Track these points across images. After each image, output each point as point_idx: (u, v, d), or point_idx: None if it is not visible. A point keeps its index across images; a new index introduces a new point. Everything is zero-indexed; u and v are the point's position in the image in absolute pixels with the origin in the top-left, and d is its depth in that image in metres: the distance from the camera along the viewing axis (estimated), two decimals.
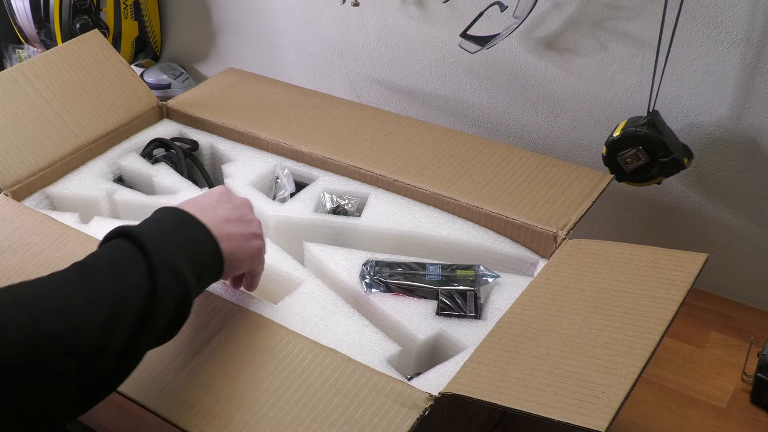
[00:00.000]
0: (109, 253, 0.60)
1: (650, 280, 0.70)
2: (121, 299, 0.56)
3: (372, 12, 1.20)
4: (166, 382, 0.66)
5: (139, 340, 0.57)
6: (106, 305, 0.55)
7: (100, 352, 0.54)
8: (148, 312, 0.57)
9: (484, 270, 0.82)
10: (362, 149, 0.98)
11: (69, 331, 0.53)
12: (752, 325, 0.98)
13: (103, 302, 0.55)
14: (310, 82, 1.35)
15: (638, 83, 1.01)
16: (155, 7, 1.47)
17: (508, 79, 1.12)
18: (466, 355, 0.69)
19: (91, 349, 0.54)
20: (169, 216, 0.66)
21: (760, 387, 0.85)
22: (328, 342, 0.69)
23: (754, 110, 0.94)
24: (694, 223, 1.04)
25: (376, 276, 0.81)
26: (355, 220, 0.91)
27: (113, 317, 0.55)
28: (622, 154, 0.92)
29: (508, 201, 0.88)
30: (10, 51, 1.57)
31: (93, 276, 0.57)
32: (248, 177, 0.99)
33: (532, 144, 1.14)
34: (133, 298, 0.57)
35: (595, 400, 0.58)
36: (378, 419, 0.61)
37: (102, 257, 0.60)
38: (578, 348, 0.64)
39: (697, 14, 0.92)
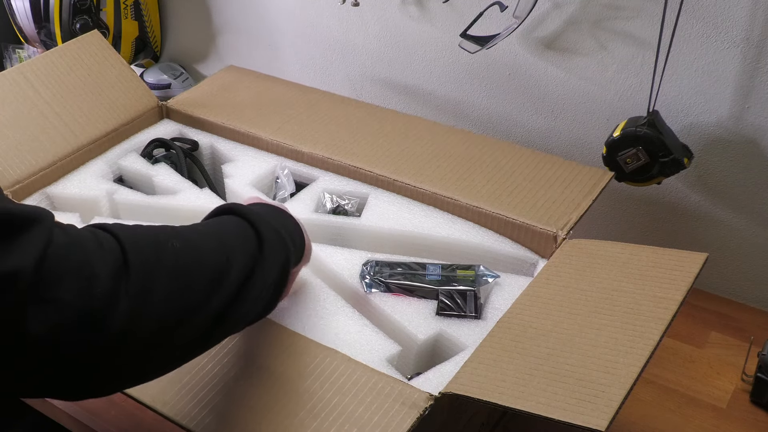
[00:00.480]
0: (221, 220, 0.65)
1: (650, 280, 0.70)
2: (233, 251, 0.60)
3: (372, 12, 1.20)
4: (168, 381, 0.65)
5: (248, 292, 0.60)
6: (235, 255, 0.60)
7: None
8: (256, 265, 0.61)
9: (484, 270, 0.82)
10: (362, 149, 0.98)
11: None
12: (752, 325, 0.98)
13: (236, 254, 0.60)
14: (310, 81, 1.35)
15: (638, 83, 1.01)
16: (155, 7, 1.47)
17: (508, 79, 1.12)
18: (466, 355, 0.69)
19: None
20: (260, 205, 0.72)
21: (760, 387, 0.85)
22: (328, 342, 0.69)
23: (754, 110, 0.94)
24: (694, 223, 1.04)
25: (376, 276, 0.81)
26: (355, 220, 0.91)
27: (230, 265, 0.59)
28: (622, 154, 0.92)
29: (508, 201, 0.88)
30: (10, 51, 1.57)
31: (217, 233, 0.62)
32: (248, 177, 0.99)
33: (532, 144, 1.14)
34: (245, 254, 0.61)
35: (595, 400, 0.58)
36: (378, 418, 0.61)
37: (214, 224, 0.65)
38: (578, 347, 0.64)
39: (697, 14, 0.92)
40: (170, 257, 0.54)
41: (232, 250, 0.59)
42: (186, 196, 0.96)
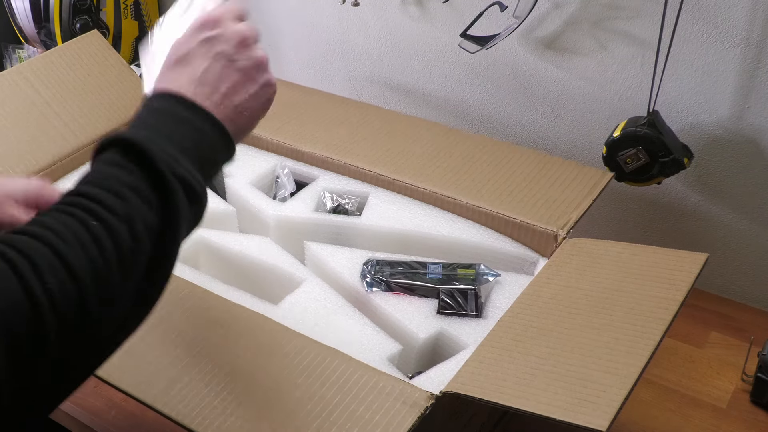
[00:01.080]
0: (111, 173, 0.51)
1: (651, 280, 0.70)
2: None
3: (372, 12, 1.20)
4: (169, 380, 0.65)
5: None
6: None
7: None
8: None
9: (485, 269, 0.82)
10: (362, 148, 0.98)
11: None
12: (752, 325, 0.98)
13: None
14: (310, 82, 1.35)
15: (638, 83, 1.01)
16: (155, 7, 1.47)
17: (508, 79, 1.12)
18: (467, 354, 0.69)
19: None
20: (165, 114, 0.55)
21: (760, 387, 0.85)
22: (329, 341, 0.69)
23: (754, 110, 0.94)
24: (694, 223, 1.05)
25: (377, 275, 0.81)
26: (356, 219, 0.91)
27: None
28: (622, 154, 0.92)
29: (509, 200, 0.88)
30: (10, 51, 1.57)
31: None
32: (248, 176, 0.99)
33: (532, 144, 1.14)
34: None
35: (596, 400, 0.58)
36: (379, 418, 0.61)
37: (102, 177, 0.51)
38: (579, 347, 0.64)
39: (697, 14, 0.92)
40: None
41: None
42: None
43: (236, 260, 0.87)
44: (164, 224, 0.51)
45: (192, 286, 0.75)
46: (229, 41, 0.59)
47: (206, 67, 0.58)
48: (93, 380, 0.83)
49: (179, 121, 0.55)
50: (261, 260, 0.86)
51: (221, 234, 0.90)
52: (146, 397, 0.65)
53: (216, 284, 0.79)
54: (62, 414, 0.89)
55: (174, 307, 0.73)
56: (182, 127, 0.55)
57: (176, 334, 0.70)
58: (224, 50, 0.59)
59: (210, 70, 0.58)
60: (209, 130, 0.56)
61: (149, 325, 0.71)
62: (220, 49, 0.59)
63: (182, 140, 0.54)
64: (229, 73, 0.58)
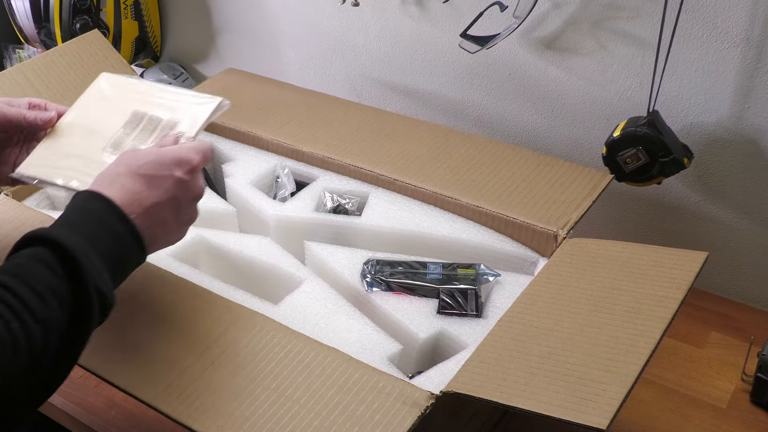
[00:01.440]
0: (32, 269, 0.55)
1: (651, 279, 0.70)
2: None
3: (372, 12, 1.20)
4: (169, 380, 0.65)
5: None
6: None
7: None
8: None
9: (485, 269, 0.82)
10: (362, 149, 0.98)
11: None
12: (752, 325, 0.98)
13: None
14: (310, 82, 1.35)
15: (638, 83, 1.01)
16: (155, 7, 1.47)
17: (508, 79, 1.12)
18: (467, 354, 0.69)
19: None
20: (103, 225, 0.60)
21: (760, 387, 0.85)
22: (330, 341, 0.69)
23: (754, 110, 0.94)
24: (694, 223, 1.05)
25: (377, 275, 0.81)
26: (356, 219, 0.91)
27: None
28: (622, 154, 0.92)
29: (509, 200, 0.88)
30: (10, 51, 1.57)
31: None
32: (249, 176, 0.99)
33: (532, 144, 1.14)
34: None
35: (596, 398, 0.58)
36: (379, 417, 0.61)
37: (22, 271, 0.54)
38: (579, 346, 0.64)
39: (697, 14, 0.92)
40: None
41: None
42: None
43: (236, 260, 0.87)
44: (74, 334, 0.55)
45: (192, 286, 0.75)
46: (190, 193, 0.66)
47: (159, 203, 0.63)
48: (93, 380, 0.84)
49: (113, 235, 0.59)
50: (261, 260, 0.86)
51: (221, 234, 0.90)
52: (146, 396, 0.65)
53: (216, 284, 0.79)
54: (62, 414, 0.89)
55: (174, 307, 0.73)
56: (115, 243, 0.59)
57: (176, 334, 0.70)
58: (181, 199, 0.65)
59: (160, 207, 0.63)
60: (136, 252, 0.61)
61: (150, 324, 0.71)
62: (181, 195, 0.64)
63: (110, 254, 0.58)
64: (172, 219, 0.64)
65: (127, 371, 0.67)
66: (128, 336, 0.70)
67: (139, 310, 0.72)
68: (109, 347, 0.68)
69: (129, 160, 0.64)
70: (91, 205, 0.60)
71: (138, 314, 0.72)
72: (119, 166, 0.63)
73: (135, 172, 0.62)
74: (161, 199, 0.63)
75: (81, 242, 0.56)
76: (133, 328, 0.71)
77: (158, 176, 0.63)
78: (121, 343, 0.69)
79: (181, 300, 0.73)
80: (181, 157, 0.65)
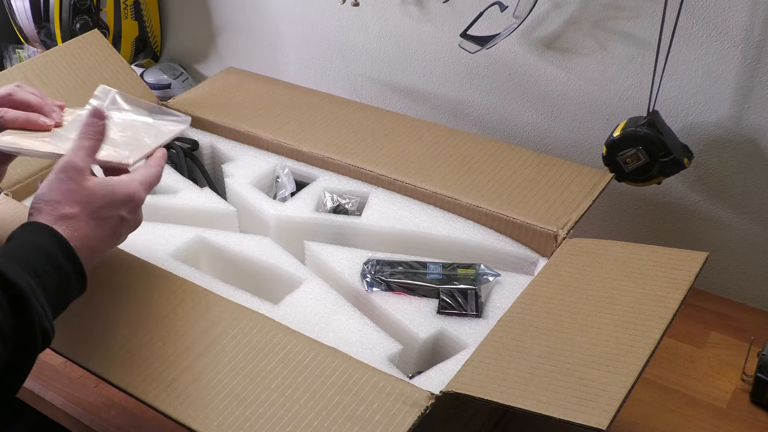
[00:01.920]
0: None
1: (651, 279, 0.70)
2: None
3: (372, 12, 1.20)
4: (169, 380, 0.66)
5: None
6: None
7: None
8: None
9: (485, 269, 0.82)
10: (362, 149, 0.98)
11: None
12: (752, 325, 0.98)
13: None
14: (310, 82, 1.35)
15: (638, 83, 1.01)
16: (155, 7, 1.47)
17: (508, 79, 1.12)
18: (467, 354, 0.69)
19: None
20: (50, 261, 0.60)
21: (760, 387, 0.85)
22: (330, 341, 0.69)
23: (754, 110, 0.94)
24: (694, 223, 1.05)
25: (377, 275, 0.81)
26: (356, 219, 0.91)
27: None
28: (622, 154, 0.92)
29: (509, 200, 0.88)
30: (10, 51, 1.57)
31: None
32: (248, 176, 0.99)
33: (532, 144, 1.14)
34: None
35: (596, 398, 0.58)
36: (379, 417, 0.61)
37: None
38: (579, 346, 0.64)
39: (697, 14, 0.92)
40: None
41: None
42: (186, 196, 0.96)
43: (236, 260, 0.87)
44: (14, 369, 0.56)
45: (192, 286, 0.75)
46: (130, 228, 0.69)
47: (103, 239, 0.65)
48: (93, 380, 0.84)
49: (60, 273, 0.60)
50: (261, 260, 0.86)
51: (221, 234, 0.90)
52: (146, 396, 0.65)
53: (216, 284, 0.79)
54: (62, 414, 0.89)
55: (174, 307, 0.73)
56: (61, 281, 0.60)
57: (176, 334, 0.70)
58: (121, 234, 0.68)
59: (103, 239, 0.65)
60: (78, 290, 0.63)
61: (150, 324, 0.71)
62: (122, 231, 0.68)
63: (55, 291, 0.59)
64: (112, 241, 0.67)
65: (127, 371, 0.67)
66: (128, 336, 0.70)
67: (138, 310, 0.72)
68: (109, 347, 0.68)
69: (83, 199, 0.64)
70: (43, 241, 0.60)
71: (138, 314, 0.72)
72: (72, 205, 0.63)
73: (90, 215, 0.64)
74: (105, 236, 0.65)
75: (29, 279, 0.57)
76: (133, 328, 0.71)
77: (108, 217, 0.65)
78: (120, 343, 0.69)
79: (181, 300, 0.73)
80: (131, 195, 0.67)
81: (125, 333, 0.70)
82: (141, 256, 0.79)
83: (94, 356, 0.69)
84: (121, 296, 0.74)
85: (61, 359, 0.81)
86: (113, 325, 0.71)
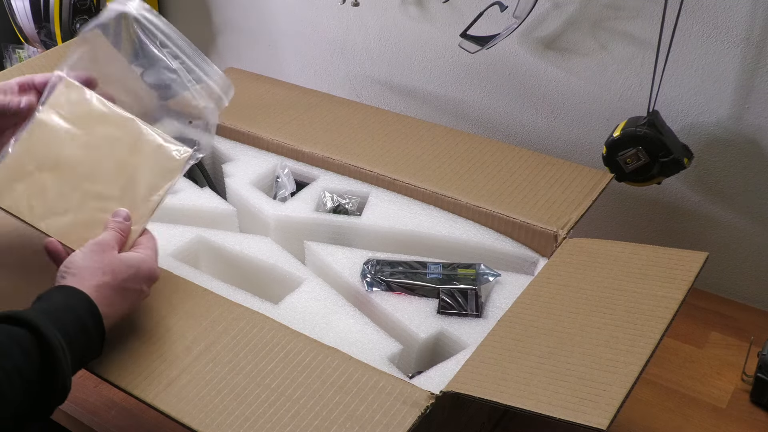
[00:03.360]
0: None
1: (651, 279, 0.70)
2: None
3: (372, 12, 1.20)
4: (169, 379, 0.66)
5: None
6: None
7: None
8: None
9: (485, 269, 0.82)
10: (362, 149, 0.98)
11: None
12: (752, 325, 0.98)
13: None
14: (310, 82, 1.35)
15: (638, 83, 1.01)
16: (155, 7, 1.47)
17: (508, 79, 1.12)
18: (468, 354, 0.69)
19: None
20: (82, 325, 0.64)
21: (760, 387, 0.85)
22: (330, 341, 0.69)
23: (754, 110, 0.94)
24: (694, 223, 1.05)
25: (377, 275, 0.81)
26: (356, 219, 0.91)
27: None
28: (622, 154, 0.92)
29: (509, 200, 0.88)
30: (10, 51, 1.57)
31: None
32: (249, 176, 0.99)
33: (532, 144, 1.14)
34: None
35: (596, 398, 0.58)
36: (379, 417, 0.61)
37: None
38: (579, 346, 0.64)
39: (697, 14, 0.92)
40: None
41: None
42: (186, 196, 0.96)
43: (236, 260, 0.87)
44: (31, 417, 0.60)
45: (192, 286, 0.75)
46: (144, 300, 0.72)
47: (124, 307, 0.68)
48: (93, 380, 0.84)
49: (87, 336, 0.64)
50: (261, 260, 0.86)
51: (221, 234, 0.90)
52: (146, 396, 0.65)
53: (216, 284, 0.79)
54: (62, 414, 0.88)
55: (174, 307, 0.73)
56: (86, 343, 0.64)
57: (176, 334, 0.70)
58: (138, 303, 0.71)
59: (124, 309, 0.68)
60: (97, 350, 0.66)
61: (149, 324, 0.71)
62: (138, 302, 0.71)
63: (80, 352, 0.63)
64: (128, 311, 0.70)
65: (127, 371, 0.67)
66: (128, 336, 0.70)
67: (138, 310, 0.72)
68: (109, 347, 0.68)
69: (115, 269, 0.68)
70: (76, 303, 0.64)
71: (138, 314, 0.72)
72: (106, 274, 0.67)
73: (118, 285, 0.67)
74: (126, 306, 0.69)
75: (61, 339, 0.61)
76: (133, 328, 0.71)
77: (132, 290, 0.68)
78: (121, 343, 0.69)
79: (181, 300, 0.73)
80: (153, 271, 0.71)
81: (125, 333, 0.70)
82: None
83: None
84: None
85: None
86: (113, 325, 0.71)
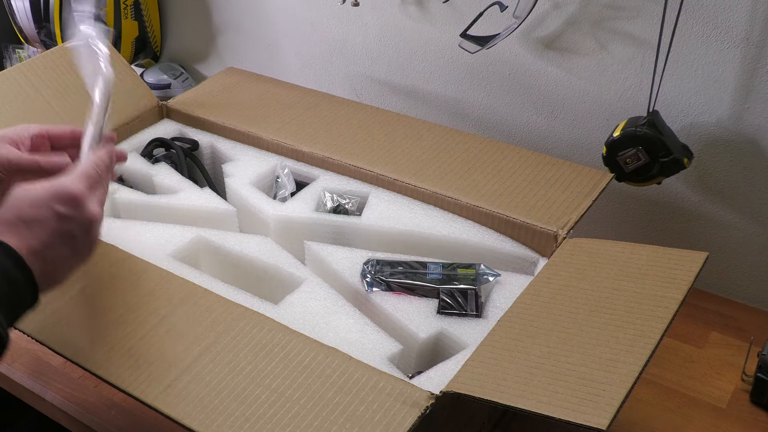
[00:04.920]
0: None
1: (651, 279, 0.70)
2: None
3: (372, 12, 1.20)
4: (169, 380, 0.66)
5: None
6: None
7: None
8: None
9: (485, 269, 0.82)
10: (362, 149, 0.98)
11: None
12: (752, 325, 0.98)
13: None
14: (310, 82, 1.35)
15: (638, 83, 1.01)
16: (155, 7, 1.47)
17: (508, 79, 1.12)
18: (467, 354, 0.69)
19: None
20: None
21: (760, 387, 0.85)
22: (330, 341, 0.69)
23: (754, 110, 0.94)
24: (694, 223, 1.05)
25: (377, 275, 0.81)
26: (356, 219, 0.91)
27: None
28: (622, 154, 0.92)
29: (509, 200, 0.88)
30: (10, 51, 1.57)
31: None
32: (248, 176, 0.99)
33: (532, 144, 1.14)
34: None
35: (596, 398, 0.58)
36: (379, 417, 0.61)
37: None
38: (579, 346, 0.64)
39: (697, 14, 0.92)
40: None
41: None
42: (186, 196, 0.96)
43: (236, 260, 0.87)
44: None
45: (192, 286, 0.75)
46: (79, 224, 0.62)
47: (49, 243, 0.60)
48: (93, 380, 0.84)
49: (9, 280, 0.58)
50: (261, 260, 0.86)
51: (221, 234, 0.90)
52: (146, 396, 0.65)
53: (216, 284, 0.79)
54: (62, 414, 0.89)
55: (174, 307, 0.73)
56: (9, 288, 0.58)
57: (176, 334, 0.70)
58: (71, 232, 0.62)
59: (51, 247, 0.61)
60: (30, 296, 0.60)
61: (150, 325, 0.71)
62: (68, 229, 0.62)
63: (4, 298, 0.57)
64: (68, 253, 0.62)
65: (127, 371, 0.67)
66: (127, 336, 0.70)
67: (138, 310, 0.72)
68: (109, 347, 0.68)
69: (16, 203, 0.61)
70: None
71: (137, 314, 0.72)
72: (8, 210, 0.61)
73: (12, 218, 0.60)
74: (49, 239, 0.61)
75: None
76: (133, 328, 0.71)
77: (38, 218, 0.61)
78: (120, 343, 0.69)
79: (181, 300, 0.73)
80: (59, 192, 0.62)
81: (125, 333, 0.70)
82: (141, 256, 0.79)
83: (94, 356, 0.69)
84: (121, 296, 0.74)
85: (61, 359, 0.81)
86: (113, 325, 0.71)
